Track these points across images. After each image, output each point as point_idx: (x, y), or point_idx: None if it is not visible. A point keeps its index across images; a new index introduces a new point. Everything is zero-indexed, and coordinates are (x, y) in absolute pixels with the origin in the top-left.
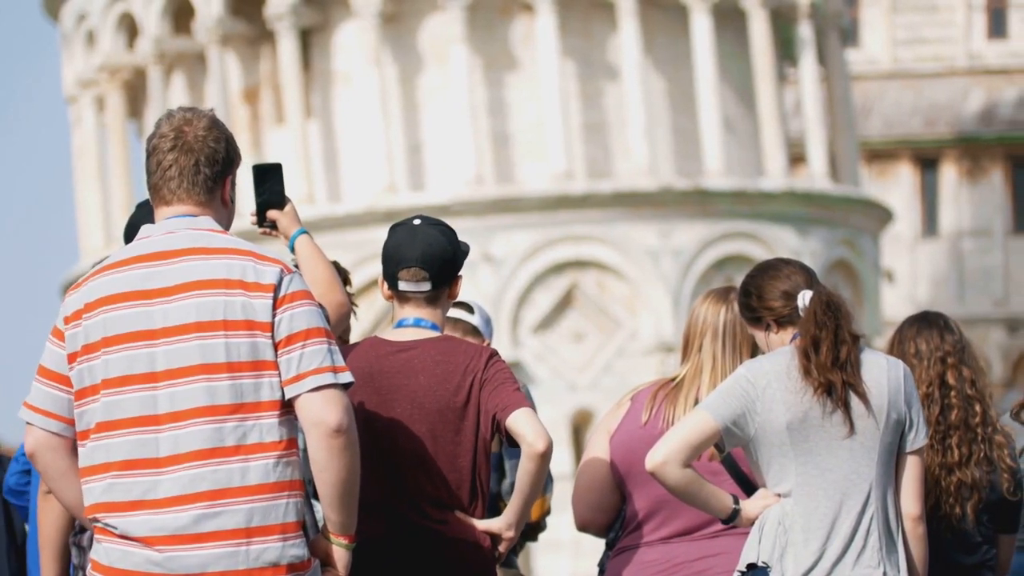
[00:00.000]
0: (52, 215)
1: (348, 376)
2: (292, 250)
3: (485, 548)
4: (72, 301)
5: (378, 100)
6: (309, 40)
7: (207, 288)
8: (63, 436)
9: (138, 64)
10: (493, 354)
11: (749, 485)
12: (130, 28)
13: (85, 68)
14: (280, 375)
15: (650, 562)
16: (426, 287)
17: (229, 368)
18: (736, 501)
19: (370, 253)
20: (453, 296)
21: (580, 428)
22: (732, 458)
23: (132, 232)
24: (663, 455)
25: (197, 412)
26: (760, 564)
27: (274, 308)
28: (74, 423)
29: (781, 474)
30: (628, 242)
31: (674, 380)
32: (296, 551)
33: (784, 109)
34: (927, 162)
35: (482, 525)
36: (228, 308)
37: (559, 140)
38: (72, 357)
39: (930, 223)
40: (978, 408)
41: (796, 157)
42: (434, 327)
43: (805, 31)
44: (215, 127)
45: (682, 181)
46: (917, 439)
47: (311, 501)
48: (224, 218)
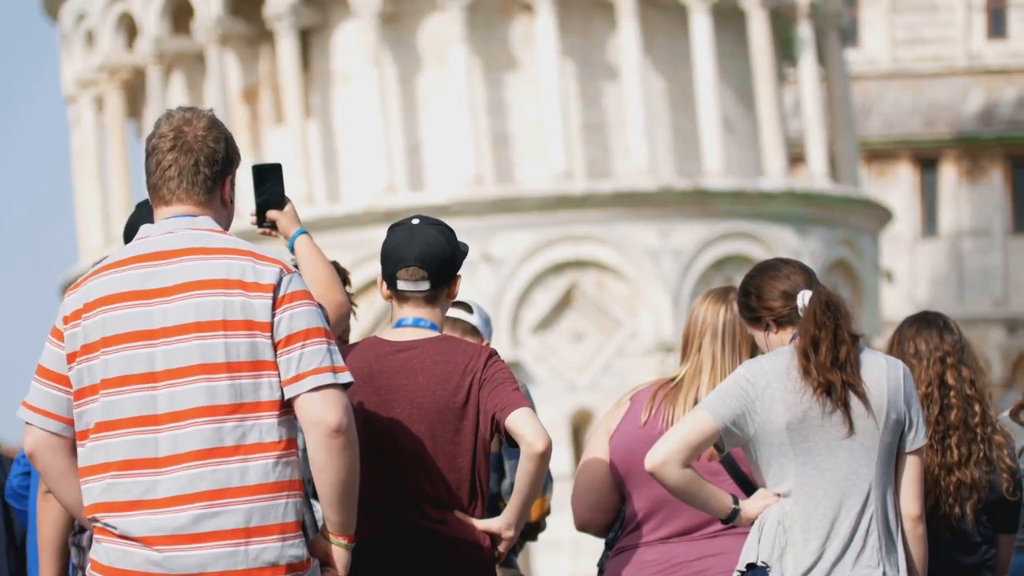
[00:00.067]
0: (51, 215)
1: (348, 376)
2: (292, 250)
3: (485, 548)
4: (71, 301)
5: (377, 100)
6: (308, 40)
7: (206, 288)
8: (62, 436)
9: (137, 64)
10: (492, 354)
11: (748, 485)
12: (129, 28)
13: (84, 68)
14: (279, 375)
15: (649, 562)
16: (425, 286)
17: (228, 368)
18: (736, 501)
19: (369, 253)
20: (452, 296)
21: (580, 428)
22: (731, 458)
23: (132, 232)
24: (663, 455)
25: (196, 412)
26: (759, 564)
27: (273, 308)
28: (73, 423)
29: (781, 474)
30: (628, 242)
31: (673, 380)
32: (295, 551)
33: (784, 109)
34: (927, 162)
35: (482, 525)
36: (227, 308)
37: (559, 140)
38: (71, 357)
39: (929, 223)
40: (977, 408)
41: (795, 157)
42: (433, 327)
43: (805, 31)
44: (215, 127)
45: (682, 181)
46: (917, 439)
47: (310, 501)
48: (223, 218)
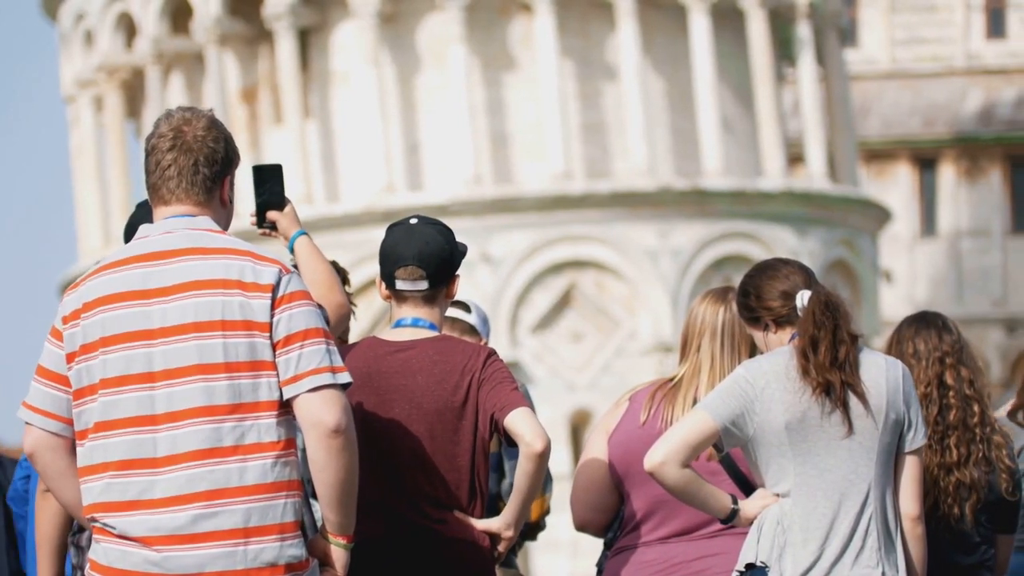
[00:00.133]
0: (50, 215)
1: (346, 376)
2: (291, 251)
3: (484, 548)
4: (70, 301)
5: (376, 100)
6: (307, 40)
7: (205, 288)
8: (62, 436)
9: (136, 64)
10: (491, 353)
11: (748, 485)
12: (128, 28)
13: (83, 68)
14: (278, 375)
15: (648, 562)
16: (423, 286)
17: (227, 368)
18: (735, 501)
19: (368, 253)
20: (451, 295)
21: (579, 428)
22: (731, 458)
23: (132, 232)
24: (662, 455)
25: (195, 412)
26: (759, 564)
27: (272, 308)
28: (73, 423)
29: (780, 474)
30: (627, 242)
31: (672, 380)
32: (294, 551)
33: (783, 109)
34: (925, 162)
35: (481, 525)
36: (226, 308)
37: (558, 140)
38: (70, 357)
39: (928, 223)
40: (976, 408)
41: (794, 157)
42: (432, 327)
43: (804, 31)
44: (214, 127)
45: (681, 181)
46: (916, 439)
47: (309, 501)
48: (223, 218)
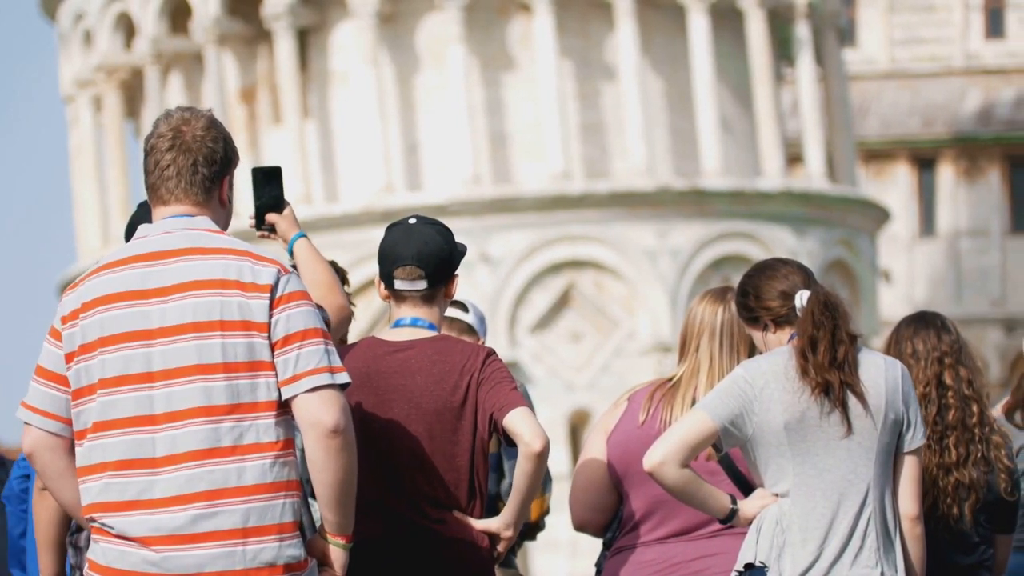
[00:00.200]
0: (49, 215)
1: (345, 377)
2: (291, 254)
3: (483, 548)
4: (69, 301)
5: (375, 100)
6: (306, 40)
7: (204, 288)
8: (61, 436)
9: (135, 64)
10: (490, 353)
11: (747, 485)
12: (127, 28)
13: (82, 68)
14: (277, 375)
15: (647, 562)
16: (422, 285)
17: (226, 368)
18: (734, 501)
19: (367, 253)
20: (450, 295)
21: (578, 428)
22: (730, 458)
23: (133, 231)
24: (661, 455)
25: (193, 412)
26: (758, 564)
27: (271, 308)
28: (72, 423)
29: (779, 474)
30: (625, 242)
31: (671, 380)
32: (293, 551)
33: (781, 109)
34: (924, 162)
35: (480, 525)
36: (225, 308)
37: (556, 140)
38: (69, 357)
39: (927, 223)
40: (975, 408)
41: (793, 157)
42: (431, 327)
43: (802, 31)
44: (213, 127)
45: (679, 181)
46: (915, 439)
47: (308, 501)
48: (222, 218)
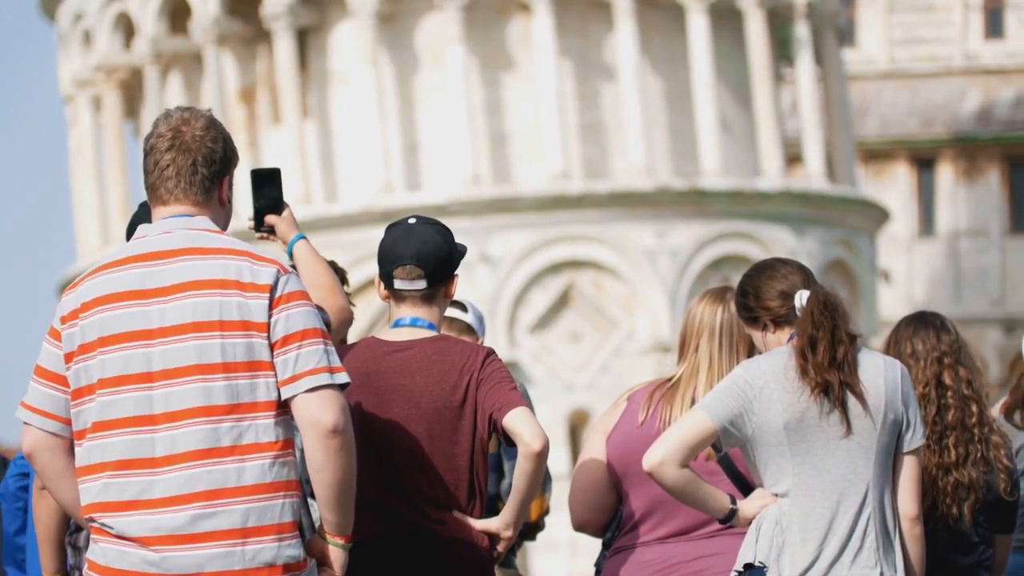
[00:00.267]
0: (49, 215)
1: (344, 377)
2: (290, 255)
3: (483, 548)
4: (69, 301)
5: (375, 100)
6: (306, 40)
7: (203, 288)
8: (61, 436)
9: (135, 64)
10: (490, 353)
11: (746, 485)
12: (127, 28)
13: (82, 68)
14: (276, 375)
15: (647, 562)
16: (421, 285)
17: (225, 368)
18: (733, 501)
19: (367, 253)
20: (449, 295)
21: (577, 428)
22: (729, 458)
23: (134, 232)
24: (660, 455)
25: (193, 412)
26: (757, 564)
27: (270, 308)
28: (71, 423)
29: (778, 474)
30: (625, 242)
31: (671, 380)
32: (292, 551)
33: (781, 109)
34: (924, 162)
35: (480, 525)
36: (224, 308)
37: (556, 140)
38: (69, 357)
39: (927, 223)
40: (975, 408)
41: (793, 157)
42: (431, 326)
43: (802, 31)
44: (213, 127)
45: (679, 181)
46: (914, 439)
47: (308, 501)
48: (221, 218)
